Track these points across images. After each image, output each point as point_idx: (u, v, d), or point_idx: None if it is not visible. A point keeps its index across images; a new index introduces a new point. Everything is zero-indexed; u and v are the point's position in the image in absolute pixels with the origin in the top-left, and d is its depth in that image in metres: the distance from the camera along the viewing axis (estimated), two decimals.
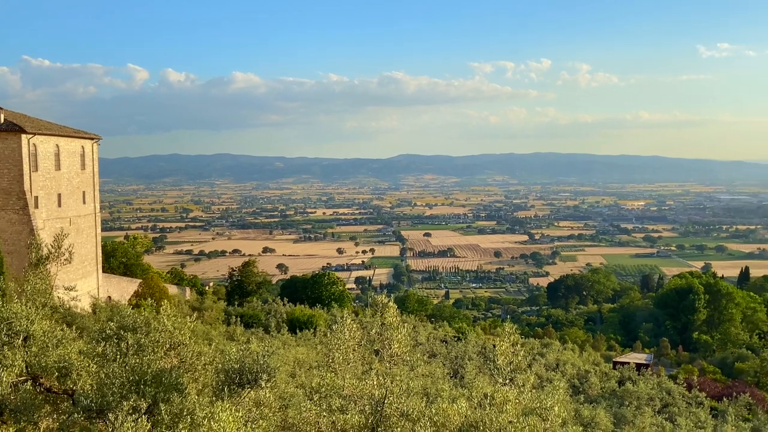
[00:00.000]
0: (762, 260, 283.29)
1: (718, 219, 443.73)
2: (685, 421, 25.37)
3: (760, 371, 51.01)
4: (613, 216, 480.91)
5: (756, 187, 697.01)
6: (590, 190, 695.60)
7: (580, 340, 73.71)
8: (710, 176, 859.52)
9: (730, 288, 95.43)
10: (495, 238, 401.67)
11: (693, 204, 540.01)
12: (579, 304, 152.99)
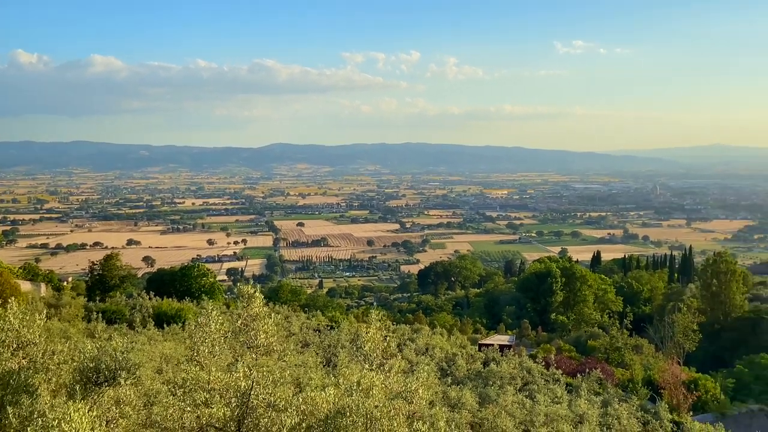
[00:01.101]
0: (612, 244, 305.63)
1: (574, 207, 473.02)
2: (543, 398, 26.78)
3: (609, 348, 55.08)
4: (479, 204, 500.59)
5: (607, 176, 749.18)
6: (458, 180, 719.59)
7: (448, 324, 76.25)
8: (567, 166, 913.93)
9: (584, 271, 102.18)
10: (368, 227, 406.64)
11: (551, 193, 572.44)
12: (448, 289, 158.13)
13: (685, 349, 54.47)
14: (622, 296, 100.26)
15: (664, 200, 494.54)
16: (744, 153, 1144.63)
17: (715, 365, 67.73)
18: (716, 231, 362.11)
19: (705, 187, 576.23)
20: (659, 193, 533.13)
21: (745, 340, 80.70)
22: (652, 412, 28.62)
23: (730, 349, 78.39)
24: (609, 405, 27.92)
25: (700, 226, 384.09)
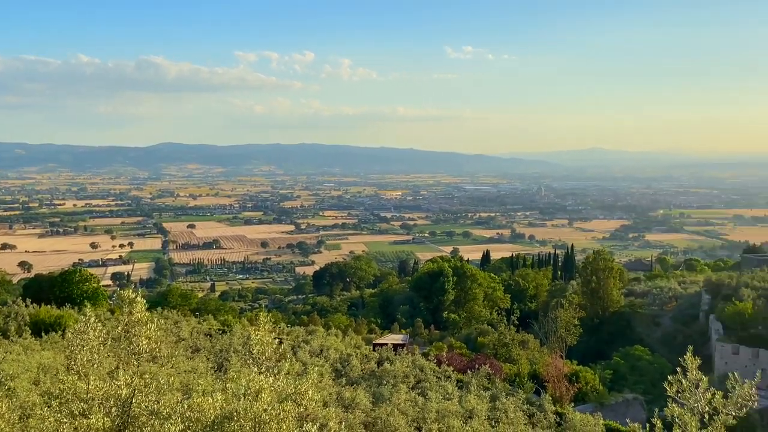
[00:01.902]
0: (500, 244, 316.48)
1: (465, 207, 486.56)
2: (435, 395, 27.25)
3: (498, 344, 57.00)
4: (374, 205, 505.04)
5: (496, 178, 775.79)
6: (353, 181, 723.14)
7: (343, 325, 76.33)
8: (458, 168, 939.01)
9: (474, 270, 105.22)
10: (262, 228, 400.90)
11: (443, 194, 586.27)
12: (343, 290, 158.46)
13: (567, 343, 57.15)
14: (510, 293, 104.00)
15: (548, 201, 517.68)
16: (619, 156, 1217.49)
17: (595, 358, 71.56)
18: (596, 230, 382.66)
19: (585, 188, 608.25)
20: (544, 194, 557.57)
21: (621, 333, 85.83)
22: (537, 405, 29.79)
23: (608, 342, 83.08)
24: (497, 399, 28.81)
25: (582, 226, 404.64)
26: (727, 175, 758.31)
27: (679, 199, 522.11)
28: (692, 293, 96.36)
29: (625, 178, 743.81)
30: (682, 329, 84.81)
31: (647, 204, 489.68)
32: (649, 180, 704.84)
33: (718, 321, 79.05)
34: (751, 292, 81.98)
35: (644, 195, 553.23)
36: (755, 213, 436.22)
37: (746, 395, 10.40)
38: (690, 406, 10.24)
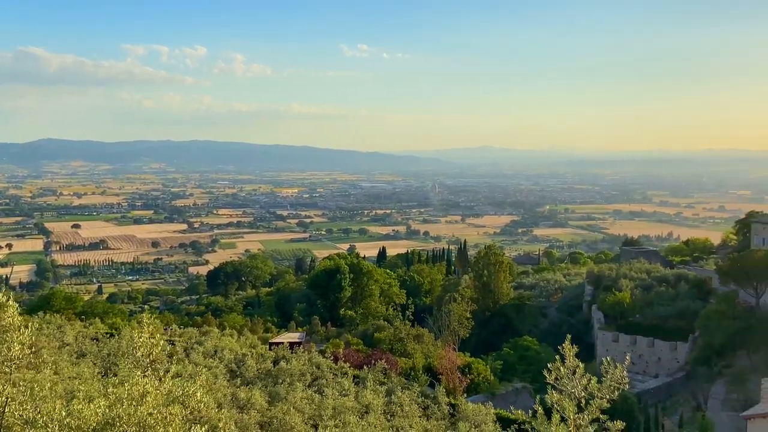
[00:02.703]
0: (396, 240, 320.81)
1: (361, 205, 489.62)
2: (331, 391, 27.31)
3: (394, 339, 57.82)
4: (269, 203, 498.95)
5: (391, 175, 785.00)
6: (248, 178, 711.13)
7: (239, 325, 75.03)
8: (354, 166, 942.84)
9: (370, 267, 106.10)
10: (153, 227, 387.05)
11: (340, 191, 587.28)
12: (239, 290, 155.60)
13: (460, 336, 58.69)
14: (406, 289, 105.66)
15: (442, 198, 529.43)
16: (508, 154, 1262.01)
17: (487, 349, 73.97)
18: (487, 226, 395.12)
19: (477, 185, 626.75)
20: (438, 191, 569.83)
21: (511, 324, 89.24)
22: (432, 397, 30.49)
23: (499, 333, 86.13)
24: (393, 393, 29.25)
25: (474, 222, 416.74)
26: (608, 172, 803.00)
27: (564, 195, 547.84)
28: (576, 285, 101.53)
29: (514, 175, 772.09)
30: (567, 319, 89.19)
31: (535, 200, 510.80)
32: (537, 177, 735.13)
33: (600, 311, 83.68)
34: (629, 283, 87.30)
35: (532, 191, 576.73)
36: (633, 208, 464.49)
37: (618, 379, 11.10)
38: (568, 392, 10.83)
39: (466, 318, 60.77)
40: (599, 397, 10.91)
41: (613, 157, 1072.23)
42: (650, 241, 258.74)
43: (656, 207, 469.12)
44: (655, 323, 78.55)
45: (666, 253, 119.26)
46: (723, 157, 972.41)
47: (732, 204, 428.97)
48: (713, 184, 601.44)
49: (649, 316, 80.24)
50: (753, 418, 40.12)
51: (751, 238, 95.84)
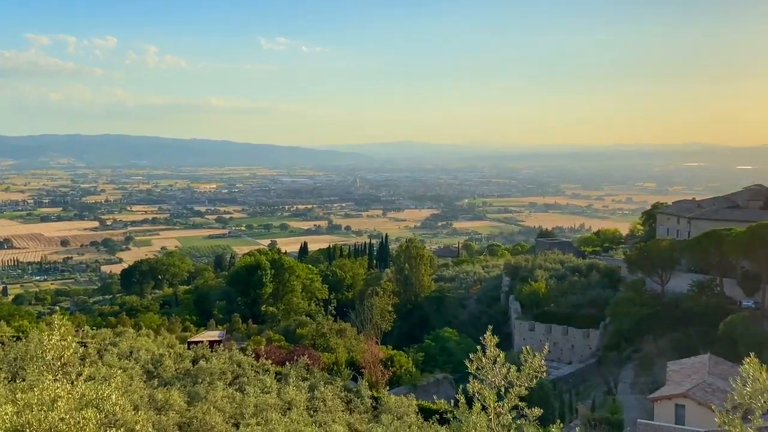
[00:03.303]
0: (318, 235, 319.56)
1: (282, 200, 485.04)
2: (253, 389, 27.00)
3: (316, 334, 57.69)
4: (187, 199, 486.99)
5: (312, 170, 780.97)
6: (164, 174, 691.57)
7: (155, 324, 72.98)
8: (274, 160, 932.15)
9: (292, 262, 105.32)
10: (61, 225, 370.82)
11: (260, 186, 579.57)
12: (155, 288, 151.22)
13: (383, 329, 59.12)
14: (328, 284, 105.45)
15: (363, 192, 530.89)
16: (429, 149, 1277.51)
17: (409, 341, 74.83)
18: (408, 219, 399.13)
19: (398, 179, 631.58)
20: (359, 185, 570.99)
21: (432, 316, 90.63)
22: (355, 391, 30.58)
23: (420, 325, 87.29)
24: (316, 388, 29.17)
25: (395, 216, 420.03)
26: (523, 166, 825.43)
27: (482, 189, 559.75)
28: (494, 276, 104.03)
29: (434, 169, 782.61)
30: (486, 310, 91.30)
31: (454, 194, 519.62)
32: (456, 171, 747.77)
33: (517, 301, 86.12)
34: (544, 273, 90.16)
35: (451, 185, 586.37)
36: (547, 200, 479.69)
37: (537, 367, 11.43)
38: (488, 381, 11.08)
39: (388, 311, 61.26)
40: (518, 385, 11.20)
41: (528, 151, 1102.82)
42: (564, 232, 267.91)
43: (569, 199, 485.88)
44: (569, 312, 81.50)
45: (578, 244, 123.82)
46: (630, 152, 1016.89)
47: (639, 196, 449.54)
48: (621, 177, 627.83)
49: (564, 304, 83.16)
50: (659, 399, 42.27)
51: (657, 228, 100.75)
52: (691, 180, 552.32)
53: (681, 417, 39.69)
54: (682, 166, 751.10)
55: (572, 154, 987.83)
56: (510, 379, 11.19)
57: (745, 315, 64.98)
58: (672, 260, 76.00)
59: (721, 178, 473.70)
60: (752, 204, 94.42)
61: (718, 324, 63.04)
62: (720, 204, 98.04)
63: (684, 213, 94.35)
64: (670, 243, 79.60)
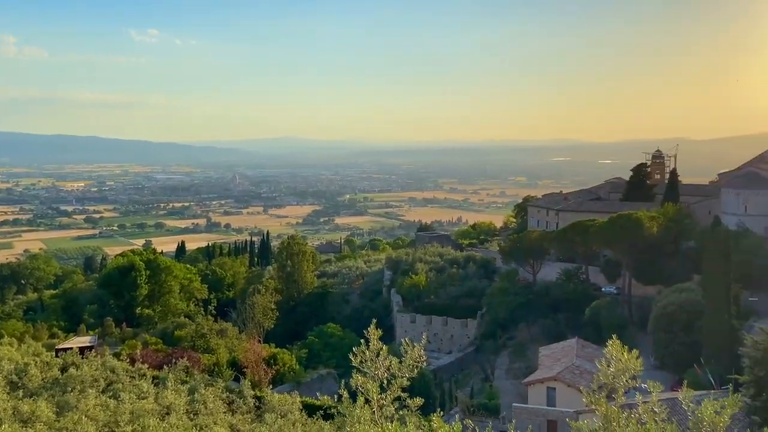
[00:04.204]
0: (196, 234, 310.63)
1: (157, 198, 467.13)
2: (128, 395, 25.94)
3: (196, 335, 56.12)
4: (52, 198, 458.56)
5: (189, 167, 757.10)
6: (25, 172, 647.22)
7: (19, 332, 68.33)
8: (148, 157, 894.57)
9: (169, 262, 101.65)
10: None
11: (132, 184, 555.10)
12: (18, 294, 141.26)
13: (265, 327, 58.52)
14: (208, 284, 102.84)
15: (243, 189, 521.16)
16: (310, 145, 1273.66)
17: (293, 339, 74.47)
18: (290, 216, 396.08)
19: (279, 176, 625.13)
20: (238, 182, 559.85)
21: (316, 312, 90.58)
22: (237, 391, 30.07)
23: (304, 322, 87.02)
24: (196, 391, 28.39)
25: (276, 212, 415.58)
26: (403, 161, 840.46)
27: (363, 184, 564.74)
28: (376, 270, 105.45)
29: (316, 165, 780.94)
30: (368, 304, 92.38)
31: (336, 189, 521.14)
32: (337, 167, 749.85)
33: (398, 294, 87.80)
34: (424, 266, 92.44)
35: (333, 181, 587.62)
36: (426, 195, 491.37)
37: (417, 358, 11.72)
38: (371, 374, 11.24)
39: (270, 309, 60.70)
40: (400, 377, 11.44)
41: (408, 147, 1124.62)
42: (442, 226, 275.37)
43: (447, 194, 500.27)
44: (448, 303, 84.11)
45: (456, 237, 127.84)
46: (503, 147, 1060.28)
47: (511, 189, 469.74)
48: (495, 172, 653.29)
49: (443, 296, 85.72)
50: (532, 383, 44.51)
51: (528, 220, 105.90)
52: (559, 174, 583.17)
53: (552, 399, 42.01)
54: (550, 161, 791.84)
55: (449, 150, 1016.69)
56: (392, 370, 11.41)
57: (607, 300, 69.70)
58: (542, 250, 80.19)
59: (586, 172, 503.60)
60: (613, 196, 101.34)
61: (585, 310, 67.24)
62: (584, 196, 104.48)
63: (552, 205, 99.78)
64: (540, 234, 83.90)
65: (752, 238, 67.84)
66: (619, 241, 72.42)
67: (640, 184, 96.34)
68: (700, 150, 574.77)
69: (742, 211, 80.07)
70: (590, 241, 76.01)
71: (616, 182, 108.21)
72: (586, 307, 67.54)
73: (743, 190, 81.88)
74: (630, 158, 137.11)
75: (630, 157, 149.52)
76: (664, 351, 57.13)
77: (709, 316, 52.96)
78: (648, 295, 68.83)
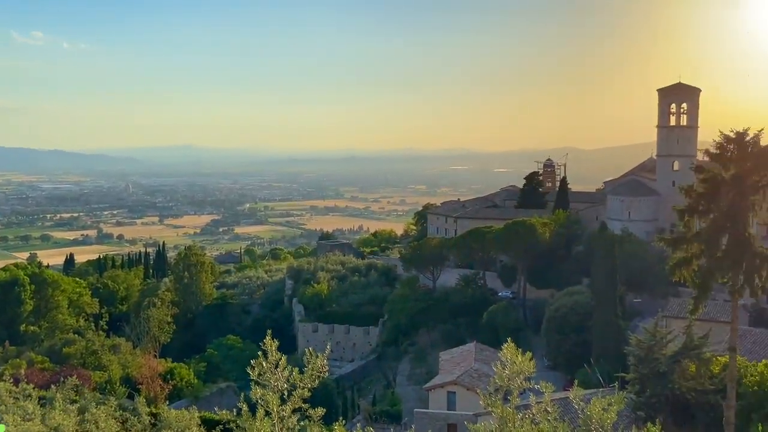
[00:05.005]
0: (86, 246, 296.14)
1: (42, 208, 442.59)
2: (12, 418, 24.35)
3: (86, 352, 53.46)
4: None
5: (78, 175, 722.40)
6: None
7: None
8: (33, 165, 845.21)
9: (56, 276, 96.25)
10: None
11: (15, 194, 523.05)
12: None
13: (162, 341, 56.61)
14: (99, 297, 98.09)
15: (137, 199, 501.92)
16: (209, 153, 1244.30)
17: (192, 352, 72.28)
18: (187, 226, 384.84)
19: (176, 185, 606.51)
20: (132, 191, 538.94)
21: (215, 324, 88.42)
22: (131, 409, 28.89)
23: (202, 335, 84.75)
24: (86, 411, 27.08)
25: (173, 222, 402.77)
26: (305, 170, 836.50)
27: (263, 193, 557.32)
28: (278, 280, 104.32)
29: (214, 174, 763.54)
30: (270, 314, 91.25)
31: (235, 198, 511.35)
32: (237, 175, 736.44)
33: (300, 303, 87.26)
34: (326, 275, 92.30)
35: (232, 190, 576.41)
36: (327, 203, 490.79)
37: (319, 368, 11.68)
38: (271, 386, 11.10)
39: (167, 322, 58.86)
40: (301, 387, 11.36)
41: (309, 156, 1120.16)
42: (344, 234, 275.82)
43: (348, 202, 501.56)
44: (350, 311, 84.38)
45: (358, 245, 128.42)
46: (403, 156, 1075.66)
47: (411, 197, 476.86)
48: (396, 180, 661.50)
49: (345, 304, 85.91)
50: (433, 388, 45.28)
51: (428, 227, 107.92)
52: (457, 182, 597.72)
53: (453, 402, 42.89)
54: (448, 170, 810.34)
55: (351, 159, 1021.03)
56: (293, 381, 11.31)
57: (504, 304, 72.05)
58: (441, 257, 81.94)
59: (482, 181, 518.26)
60: (508, 203, 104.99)
61: (482, 314, 69.19)
62: (481, 204, 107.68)
63: (450, 213, 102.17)
64: (439, 241, 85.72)
65: (635, 242, 71.96)
66: (514, 246, 75.13)
67: (533, 192, 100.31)
68: (587, 158, 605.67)
69: (626, 216, 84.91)
70: (487, 247, 78.43)
71: (511, 190, 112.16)
72: (484, 311, 69.50)
73: (627, 197, 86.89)
74: (524, 167, 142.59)
75: (524, 166, 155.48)
76: (556, 352, 59.64)
77: (597, 317, 55.77)
78: (542, 298, 71.69)
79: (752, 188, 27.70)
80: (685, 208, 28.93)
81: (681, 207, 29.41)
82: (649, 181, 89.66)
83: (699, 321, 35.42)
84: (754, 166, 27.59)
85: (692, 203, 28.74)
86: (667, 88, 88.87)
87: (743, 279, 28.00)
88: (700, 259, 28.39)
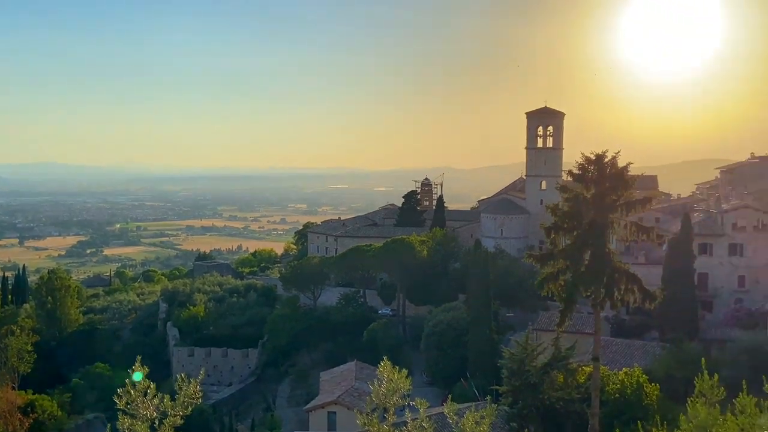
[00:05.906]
0: None
1: None
2: None
3: None
4: None
5: None
6: None
7: None
8: None
9: None
10: None
11: None
12: None
13: (21, 371, 52.65)
14: None
15: None
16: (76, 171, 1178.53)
17: (56, 382, 67.58)
18: (51, 248, 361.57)
19: (38, 204, 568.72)
20: None
21: (82, 352, 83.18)
22: None
23: (68, 364, 79.49)
24: None
25: (35, 244, 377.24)
26: (180, 188, 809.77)
27: (135, 213, 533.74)
28: (151, 303, 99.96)
29: (81, 193, 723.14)
30: (142, 339, 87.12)
31: (104, 218, 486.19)
32: (106, 194, 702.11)
33: (175, 327, 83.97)
34: (203, 297, 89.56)
35: (101, 210, 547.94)
36: (204, 223, 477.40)
37: (192, 394, 11.25)
38: (140, 415, 10.58)
39: (26, 351, 54.82)
40: (173, 415, 10.91)
41: (185, 173, 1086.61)
42: (222, 254, 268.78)
43: (226, 221, 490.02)
44: (229, 333, 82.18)
45: (236, 265, 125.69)
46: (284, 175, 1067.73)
47: (292, 216, 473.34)
48: (276, 199, 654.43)
49: (223, 326, 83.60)
50: (313, 409, 44.87)
51: (308, 246, 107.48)
52: (337, 201, 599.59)
53: (333, 423, 42.64)
54: (328, 188, 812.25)
55: (229, 177, 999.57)
56: (163, 409, 10.84)
57: (384, 321, 72.83)
58: (322, 276, 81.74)
59: (362, 199, 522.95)
60: (387, 221, 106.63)
61: (363, 332, 69.54)
62: (361, 222, 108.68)
63: (331, 231, 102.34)
64: (320, 260, 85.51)
65: (507, 258, 75.06)
66: (393, 264, 76.21)
67: (411, 210, 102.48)
68: (464, 178, 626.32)
69: (498, 234, 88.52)
70: (367, 265, 79.09)
71: (390, 208, 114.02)
72: (365, 329, 69.90)
73: (499, 215, 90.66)
74: (402, 186, 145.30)
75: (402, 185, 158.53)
76: (434, 367, 60.90)
77: (473, 333, 57.55)
78: (421, 315, 73.07)
79: (610, 207, 29.71)
80: (552, 226, 30.53)
81: (547, 225, 31.02)
82: (519, 200, 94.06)
83: (566, 333, 37.37)
84: (612, 186, 29.62)
85: (557, 221, 30.39)
86: (534, 111, 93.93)
87: (604, 292, 29.85)
88: (566, 274, 30.01)
